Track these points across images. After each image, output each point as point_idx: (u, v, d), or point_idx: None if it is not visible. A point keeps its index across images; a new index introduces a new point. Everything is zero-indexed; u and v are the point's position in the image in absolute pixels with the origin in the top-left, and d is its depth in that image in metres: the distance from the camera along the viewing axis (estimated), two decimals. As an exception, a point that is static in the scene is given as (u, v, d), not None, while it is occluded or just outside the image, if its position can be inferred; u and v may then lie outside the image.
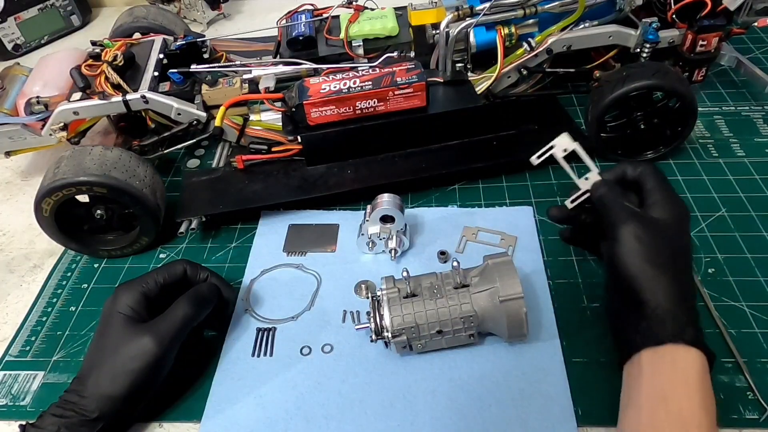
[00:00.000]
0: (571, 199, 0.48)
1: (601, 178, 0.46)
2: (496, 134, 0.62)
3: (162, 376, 0.45)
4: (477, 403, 0.45)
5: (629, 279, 0.40)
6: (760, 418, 0.42)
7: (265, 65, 0.66)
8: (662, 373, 0.37)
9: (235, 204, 0.60)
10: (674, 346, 0.38)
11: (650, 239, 0.41)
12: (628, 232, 0.41)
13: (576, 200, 0.47)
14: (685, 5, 0.60)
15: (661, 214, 0.43)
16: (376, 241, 0.56)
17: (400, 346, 0.46)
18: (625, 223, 0.42)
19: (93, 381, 0.43)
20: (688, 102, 0.58)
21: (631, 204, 0.44)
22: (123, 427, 0.45)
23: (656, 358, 0.38)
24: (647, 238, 0.41)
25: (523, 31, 0.63)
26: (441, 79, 0.63)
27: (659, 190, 0.44)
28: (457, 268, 0.46)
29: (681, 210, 0.44)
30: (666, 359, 0.38)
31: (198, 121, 0.62)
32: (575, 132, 0.65)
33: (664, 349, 0.38)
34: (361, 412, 0.45)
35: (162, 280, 0.48)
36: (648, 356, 0.38)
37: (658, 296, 0.39)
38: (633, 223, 0.41)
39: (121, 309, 0.45)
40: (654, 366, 0.38)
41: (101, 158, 0.55)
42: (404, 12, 0.70)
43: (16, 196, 0.71)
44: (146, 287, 0.47)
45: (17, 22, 0.95)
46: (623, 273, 0.41)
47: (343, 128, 0.59)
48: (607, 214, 0.44)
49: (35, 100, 0.62)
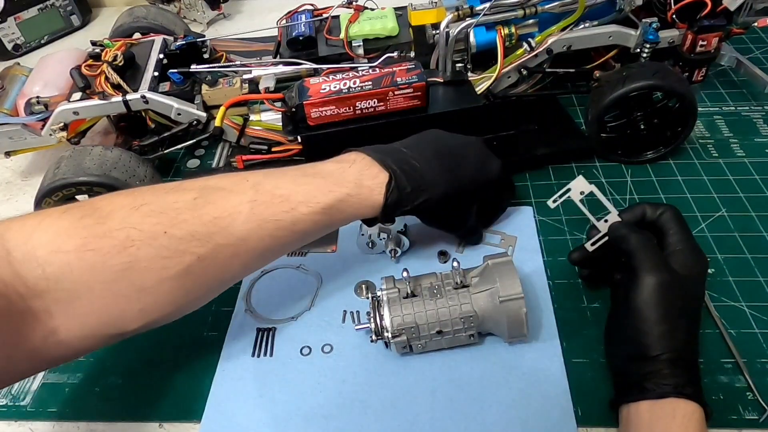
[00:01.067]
0: (591, 242, 0.47)
1: (620, 220, 0.45)
2: (496, 134, 0.62)
3: None
4: (477, 403, 0.45)
5: (641, 330, 0.40)
6: (760, 419, 0.42)
7: (265, 65, 0.66)
8: (661, 423, 0.38)
9: (235, 204, 0.60)
10: (675, 399, 0.38)
11: (672, 294, 0.40)
12: (650, 283, 0.40)
13: (596, 242, 0.47)
14: (685, 5, 0.60)
15: (683, 265, 0.42)
16: (376, 241, 0.56)
17: (400, 346, 0.46)
18: (649, 272, 0.41)
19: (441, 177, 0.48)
20: (688, 102, 0.58)
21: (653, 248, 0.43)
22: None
23: (656, 408, 0.38)
24: (669, 293, 0.40)
25: (523, 31, 0.63)
26: (441, 79, 0.63)
27: (683, 240, 0.43)
28: (457, 268, 0.46)
29: (703, 263, 0.43)
30: (666, 410, 0.38)
31: (198, 121, 0.62)
32: (575, 132, 0.65)
33: (665, 401, 0.38)
34: (361, 412, 0.45)
35: None
36: (648, 405, 0.38)
37: (668, 352, 0.39)
38: (657, 274, 0.41)
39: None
40: (653, 415, 0.38)
41: (101, 158, 0.55)
42: (404, 12, 0.70)
43: (16, 196, 0.71)
44: None
45: (17, 22, 0.95)
46: (636, 322, 0.40)
47: (343, 128, 0.59)
48: (629, 258, 0.43)
49: (35, 100, 0.62)
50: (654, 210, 0.45)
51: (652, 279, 0.40)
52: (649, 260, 0.41)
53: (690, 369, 0.39)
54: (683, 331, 0.40)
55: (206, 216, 0.40)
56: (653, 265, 0.41)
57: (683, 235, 0.44)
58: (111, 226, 0.38)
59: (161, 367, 0.49)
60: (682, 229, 0.44)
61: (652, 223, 0.45)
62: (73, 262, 0.36)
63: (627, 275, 0.42)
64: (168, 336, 0.52)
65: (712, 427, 0.42)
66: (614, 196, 0.60)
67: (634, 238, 0.43)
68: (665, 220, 0.45)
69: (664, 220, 0.45)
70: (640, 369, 0.39)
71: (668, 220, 0.44)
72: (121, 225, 0.38)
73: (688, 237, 0.44)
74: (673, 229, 0.44)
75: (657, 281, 0.40)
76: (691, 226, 0.55)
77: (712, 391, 0.44)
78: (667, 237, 0.44)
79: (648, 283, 0.40)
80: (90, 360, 0.51)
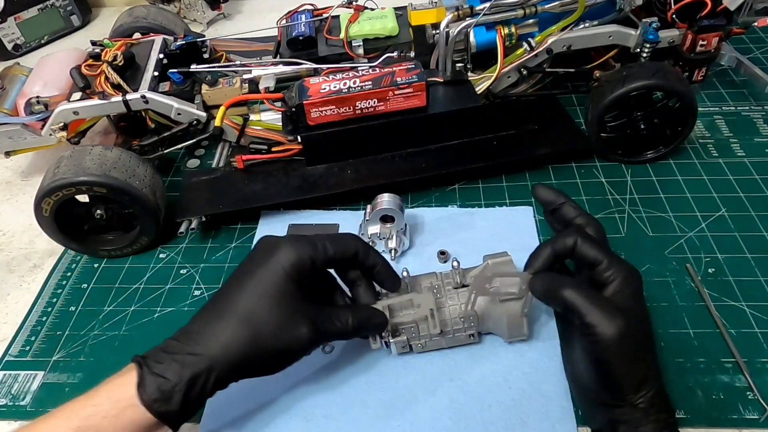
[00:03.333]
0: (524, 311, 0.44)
1: (531, 275, 0.42)
2: (496, 134, 0.62)
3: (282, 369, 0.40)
4: (477, 403, 0.45)
5: (610, 383, 0.37)
6: (760, 418, 0.42)
7: (265, 65, 0.66)
8: None
9: (235, 204, 0.60)
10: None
11: (632, 338, 0.37)
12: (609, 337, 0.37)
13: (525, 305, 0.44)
14: (685, 5, 0.60)
15: (624, 296, 0.39)
16: (376, 241, 0.56)
17: (400, 346, 0.46)
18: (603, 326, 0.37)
19: (226, 330, 0.38)
20: (688, 102, 0.58)
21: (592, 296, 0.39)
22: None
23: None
24: (629, 338, 0.37)
25: (523, 31, 0.63)
26: (441, 79, 0.63)
27: (610, 267, 0.39)
28: (457, 267, 0.46)
29: (638, 280, 0.40)
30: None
31: (198, 121, 0.62)
32: (575, 132, 0.65)
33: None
34: (361, 412, 0.45)
35: (332, 253, 0.41)
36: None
37: (643, 395, 0.37)
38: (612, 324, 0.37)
39: (287, 267, 0.39)
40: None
41: (101, 158, 0.55)
42: (404, 12, 0.70)
43: (16, 196, 0.71)
44: (315, 254, 0.41)
45: (17, 22, 0.95)
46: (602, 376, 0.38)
47: (343, 128, 0.59)
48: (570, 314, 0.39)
49: (35, 100, 0.62)
50: (562, 243, 0.42)
51: (610, 331, 0.37)
52: (597, 312, 0.37)
53: (662, 397, 0.37)
54: (652, 365, 0.38)
55: None
56: (604, 317, 0.37)
57: (608, 260, 0.40)
58: None
59: (161, 367, 0.49)
60: (602, 254, 0.40)
61: (568, 255, 0.42)
62: None
63: (573, 325, 0.39)
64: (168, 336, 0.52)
65: (712, 427, 0.42)
66: (614, 196, 0.60)
67: (567, 294, 0.39)
68: (582, 252, 0.41)
69: (578, 250, 0.41)
70: (615, 416, 0.37)
71: (581, 247, 0.41)
72: None
73: (612, 260, 0.40)
74: (595, 258, 0.40)
75: (615, 333, 0.36)
76: (691, 226, 0.56)
77: (712, 390, 0.44)
78: (593, 269, 0.40)
79: (606, 339, 0.37)
80: (90, 360, 0.51)
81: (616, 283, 0.39)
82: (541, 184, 0.47)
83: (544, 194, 0.47)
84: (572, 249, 0.41)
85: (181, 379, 0.36)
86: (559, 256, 0.42)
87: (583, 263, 0.41)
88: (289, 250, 0.40)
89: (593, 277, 0.40)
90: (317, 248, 0.41)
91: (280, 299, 0.39)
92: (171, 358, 0.37)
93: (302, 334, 0.39)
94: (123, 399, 0.35)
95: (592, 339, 0.37)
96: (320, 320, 0.40)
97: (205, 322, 0.39)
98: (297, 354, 0.40)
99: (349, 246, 0.43)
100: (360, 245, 0.43)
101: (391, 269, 0.44)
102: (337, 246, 0.42)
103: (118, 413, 0.35)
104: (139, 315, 0.54)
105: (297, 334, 0.39)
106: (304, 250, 0.40)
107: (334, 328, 0.41)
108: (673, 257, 0.54)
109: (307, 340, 0.39)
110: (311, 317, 0.40)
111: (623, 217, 0.58)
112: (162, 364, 0.37)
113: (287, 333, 0.38)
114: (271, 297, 0.39)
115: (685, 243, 0.55)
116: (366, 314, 0.43)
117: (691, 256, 0.54)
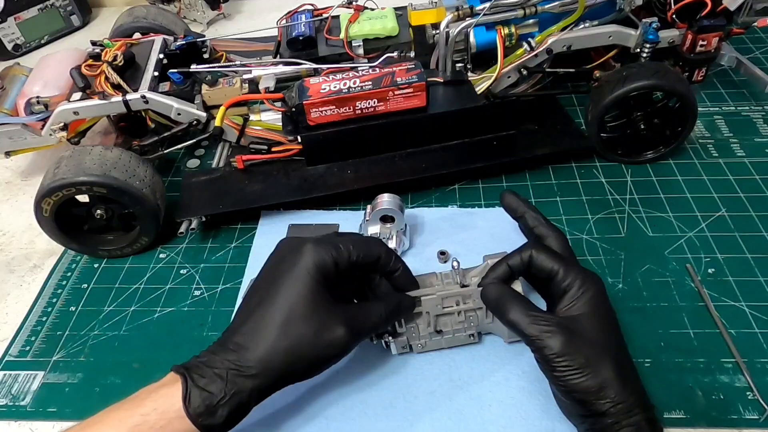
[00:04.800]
0: None
1: (484, 283, 0.42)
2: (496, 134, 0.62)
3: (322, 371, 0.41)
4: (477, 403, 0.45)
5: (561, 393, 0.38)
6: (760, 418, 0.42)
7: (265, 65, 0.66)
8: None
9: (235, 204, 0.60)
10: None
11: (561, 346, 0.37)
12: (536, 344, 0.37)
13: None
14: (685, 5, 0.60)
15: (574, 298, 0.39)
16: (376, 241, 0.56)
17: (400, 346, 0.46)
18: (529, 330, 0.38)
19: (265, 344, 0.38)
20: (688, 102, 0.58)
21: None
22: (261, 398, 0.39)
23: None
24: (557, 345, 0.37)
25: (523, 31, 0.63)
26: (441, 79, 0.63)
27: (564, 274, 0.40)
28: (457, 267, 0.46)
29: (593, 283, 0.40)
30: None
31: (198, 121, 0.62)
32: (575, 132, 0.65)
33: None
34: (361, 412, 0.45)
35: (355, 257, 0.41)
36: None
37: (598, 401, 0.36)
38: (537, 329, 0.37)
39: (313, 272, 0.39)
40: None
41: (101, 158, 0.55)
42: (404, 12, 0.70)
43: (16, 196, 0.71)
44: (339, 256, 0.40)
45: (17, 22, 0.95)
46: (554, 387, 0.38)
47: (343, 128, 0.59)
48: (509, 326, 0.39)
49: (35, 100, 0.62)
50: (518, 259, 0.42)
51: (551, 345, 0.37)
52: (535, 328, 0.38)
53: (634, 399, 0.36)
54: (610, 370, 0.36)
55: None
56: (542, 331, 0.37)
57: (563, 269, 0.40)
58: None
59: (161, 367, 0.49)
60: (557, 263, 0.40)
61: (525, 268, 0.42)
62: None
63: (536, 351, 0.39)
64: (168, 336, 0.52)
65: (712, 427, 0.42)
66: (614, 196, 0.60)
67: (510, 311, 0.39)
68: (537, 265, 0.41)
69: (536, 266, 0.41)
70: (589, 425, 0.37)
71: (539, 263, 0.41)
72: None
73: (568, 269, 0.40)
74: (551, 269, 0.40)
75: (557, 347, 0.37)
76: (691, 226, 0.56)
77: (712, 390, 0.44)
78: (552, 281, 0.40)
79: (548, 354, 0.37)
80: (90, 360, 0.51)
81: (573, 290, 0.39)
82: (509, 191, 0.48)
83: (509, 202, 0.47)
84: (528, 263, 0.42)
85: (226, 394, 0.37)
86: (516, 271, 0.42)
87: (542, 276, 0.41)
88: (314, 253, 0.40)
89: (552, 288, 0.41)
90: (341, 251, 0.41)
91: (314, 305, 0.39)
92: (214, 372, 0.37)
93: (339, 337, 0.39)
94: (170, 411, 0.36)
95: (537, 355, 0.38)
96: (354, 319, 0.40)
97: (243, 337, 0.39)
98: (336, 357, 0.40)
99: (373, 250, 0.43)
100: (383, 249, 0.43)
101: (410, 274, 0.45)
102: (361, 249, 0.42)
103: (165, 425, 0.36)
104: (139, 315, 0.54)
105: (334, 338, 0.39)
106: (328, 253, 0.40)
107: (370, 323, 0.41)
108: (673, 257, 0.54)
109: (344, 341, 0.39)
110: (345, 318, 0.40)
111: (623, 217, 0.58)
112: (205, 379, 0.37)
113: (324, 338, 0.39)
114: (304, 304, 0.39)
115: (685, 243, 0.55)
116: (395, 300, 0.43)
117: (691, 256, 0.54)
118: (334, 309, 0.40)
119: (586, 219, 0.58)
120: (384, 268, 0.44)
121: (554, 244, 0.43)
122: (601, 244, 0.56)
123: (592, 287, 0.39)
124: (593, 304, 0.39)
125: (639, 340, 0.48)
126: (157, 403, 0.36)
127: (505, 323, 0.41)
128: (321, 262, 0.40)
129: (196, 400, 0.36)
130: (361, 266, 0.42)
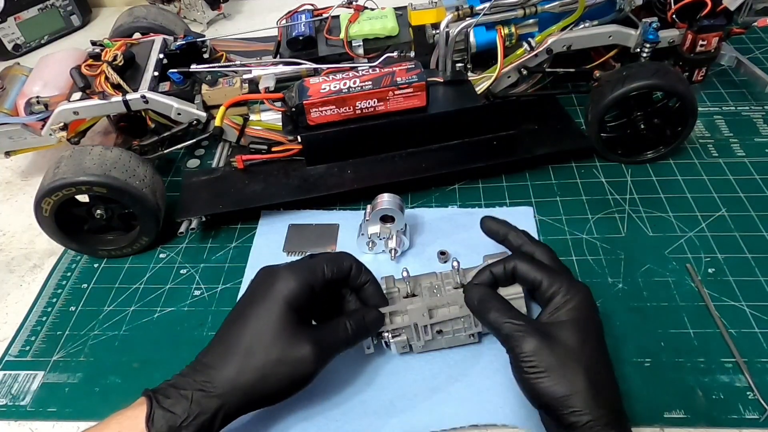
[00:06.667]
0: None
1: (467, 286, 0.43)
2: (496, 134, 0.62)
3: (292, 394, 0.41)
4: (477, 403, 0.45)
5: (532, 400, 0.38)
6: (760, 418, 0.42)
7: (265, 65, 0.66)
8: None
9: (235, 204, 0.60)
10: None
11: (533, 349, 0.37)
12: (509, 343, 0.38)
13: None
14: (685, 5, 0.60)
15: (557, 306, 0.39)
16: (376, 241, 0.56)
17: (400, 346, 0.46)
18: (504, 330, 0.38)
19: (232, 364, 0.39)
20: (688, 102, 0.58)
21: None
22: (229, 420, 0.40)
23: None
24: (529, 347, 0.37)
25: (523, 31, 0.63)
26: (441, 79, 0.63)
27: (549, 283, 0.40)
28: (457, 267, 0.46)
29: (578, 291, 0.40)
30: None
31: (198, 121, 0.62)
32: (575, 132, 0.65)
33: None
34: (361, 412, 0.45)
35: (329, 274, 0.42)
36: None
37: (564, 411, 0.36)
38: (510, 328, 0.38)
39: (288, 297, 0.40)
40: None
41: (101, 158, 0.55)
42: (404, 12, 0.70)
43: (16, 196, 0.71)
44: (314, 278, 0.42)
45: (17, 22, 0.95)
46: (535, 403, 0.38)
47: (343, 128, 0.59)
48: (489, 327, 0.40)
49: (35, 100, 0.62)
50: (501, 268, 0.42)
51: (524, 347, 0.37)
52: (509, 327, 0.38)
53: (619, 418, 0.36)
54: (581, 380, 0.36)
55: None
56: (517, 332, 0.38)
57: (548, 278, 0.40)
58: None
59: (161, 367, 0.49)
60: (541, 273, 0.41)
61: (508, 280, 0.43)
62: None
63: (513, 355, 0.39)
64: (168, 336, 0.52)
65: (712, 427, 0.42)
66: (614, 196, 0.60)
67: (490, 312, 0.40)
68: (522, 275, 0.41)
69: (520, 276, 0.42)
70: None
71: (524, 273, 0.41)
72: None
73: (553, 278, 0.40)
74: (534, 279, 0.41)
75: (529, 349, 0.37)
76: (691, 226, 0.56)
77: (712, 390, 0.44)
78: (538, 291, 0.41)
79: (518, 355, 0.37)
80: (90, 360, 0.51)
81: (557, 299, 0.40)
82: (488, 217, 0.48)
83: (489, 226, 0.48)
84: (512, 273, 0.42)
85: (189, 414, 0.37)
86: (499, 279, 0.43)
87: (527, 286, 0.42)
88: (287, 281, 0.41)
89: (538, 298, 0.41)
90: (316, 273, 0.42)
91: (282, 327, 0.40)
92: (179, 393, 0.38)
93: (306, 355, 0.39)
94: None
95: (510, 356, 0.39)
96: (321, 337, 0.41)
97: (211, 358, 0.40)
98: (304, 378, 0.40)
99: (344, 263, 0.44)
100: (353, 262, 0.44)
101: (379, 289, 0.45)
102: (334, 264, 0.43)
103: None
104: (139, 315, 0.54)
105: (301, 355, 0.39)
106: (303, 279, 0.41)
107: (337, 339, 0.42)
108: (673, 257, 0.54)
109: (312, 359, 0.40)
110: (313, 336, 0.40)
111: (623, 217, 0.58)
112: (171, 399, 0.37)
113: (291, 356, 0.39)
114: (273, 327, 0.40)
115: (685, 243, 0.55)
116: (359, 315, 0.44)
117: (691, 256, 0.54)
118: (302, 329, 0.40)
119: (586, 219, 0.58)
120: (354, 281, 0.44)
121: (543, 258, 0.43)
122: (601, 244, 0.56)
123: (576, 296, 0.40)
124: (575, 313, 0.39)
125: (639, 340, 0.48)
126: (122, 426, 0.37)
127: (485, 324, 0.42)
128: (293, 289, 0.41)
129: (159, 421, 0.36)
130: (335, 282, 0.43)
